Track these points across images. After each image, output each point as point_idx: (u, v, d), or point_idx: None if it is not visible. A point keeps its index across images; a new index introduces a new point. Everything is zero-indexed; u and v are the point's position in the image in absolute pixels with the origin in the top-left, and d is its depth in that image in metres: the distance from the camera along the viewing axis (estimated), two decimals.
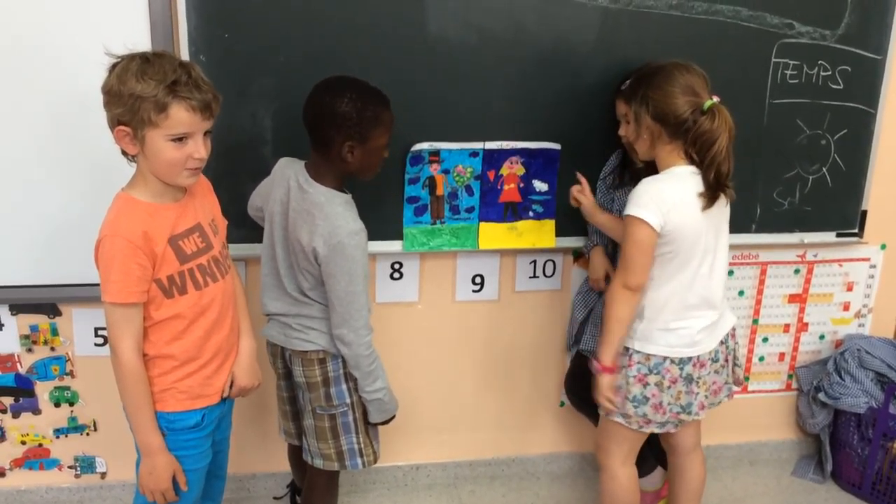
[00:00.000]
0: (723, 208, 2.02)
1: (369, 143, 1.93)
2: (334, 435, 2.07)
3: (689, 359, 2.03)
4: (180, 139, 1.66)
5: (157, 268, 1.69)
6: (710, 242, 2.00)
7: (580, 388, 2.57)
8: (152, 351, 1.73)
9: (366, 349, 1.97)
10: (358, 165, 1.96)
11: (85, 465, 2.56)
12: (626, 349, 2.05)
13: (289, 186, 2.00)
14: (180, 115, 1.64)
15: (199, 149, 1.69)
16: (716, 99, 1.92)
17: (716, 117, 1.90)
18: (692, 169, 1.96)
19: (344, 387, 2.04)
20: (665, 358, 2.01)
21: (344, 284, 1.91)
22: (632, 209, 1.93)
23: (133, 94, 1.61)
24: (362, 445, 2.09)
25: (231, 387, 1.89)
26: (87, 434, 2.53)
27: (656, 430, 2.11)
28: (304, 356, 2.04)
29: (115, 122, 1.66)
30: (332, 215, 1.91)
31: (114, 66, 1.65)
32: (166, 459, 1.74)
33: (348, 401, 2.05)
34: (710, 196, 1.95)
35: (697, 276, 2.01)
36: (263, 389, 2.12)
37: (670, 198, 1.93)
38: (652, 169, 2.05)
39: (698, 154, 1.93)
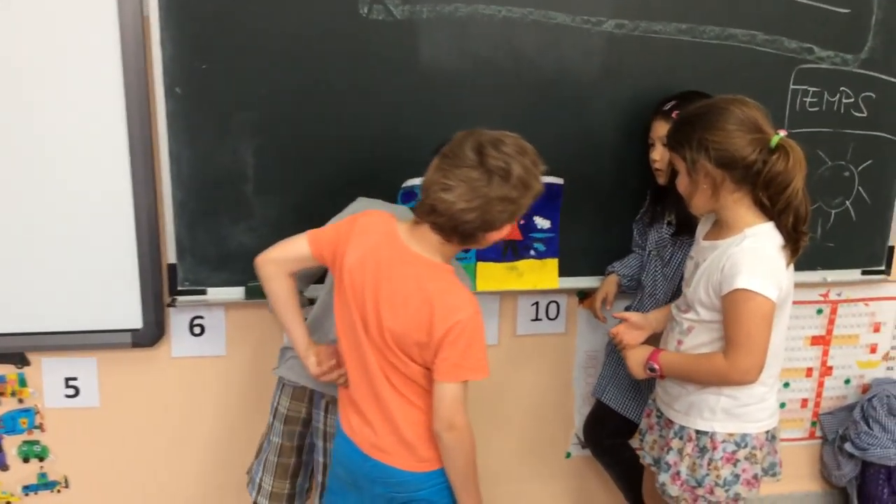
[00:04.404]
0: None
1: None
2: None
3: None
4: None
5: None
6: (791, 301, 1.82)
7: (601, 436, 2.45)
8: None
9: None
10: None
11: None
12: (700, 433, 1.83)
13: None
14: None
15: None
16: (782, 133, 1.70)
17: (789, 156, 1.67)
18: (772, 224, 1.74)
19: None
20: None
21: None
22: (747, 282, 1.67)
23: None
24: None
25: None
26: (59, 491, 2.37)
27: None
28: None
29: None
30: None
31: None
32: None
33: None
34: (792, 249, 1.73)
35: (782, 342, 1.82)
36: None
37: (780, 263, 1.72)
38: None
39: (771, 199, 1.70)
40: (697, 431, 1.82)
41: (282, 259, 1.73)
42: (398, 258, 1.61)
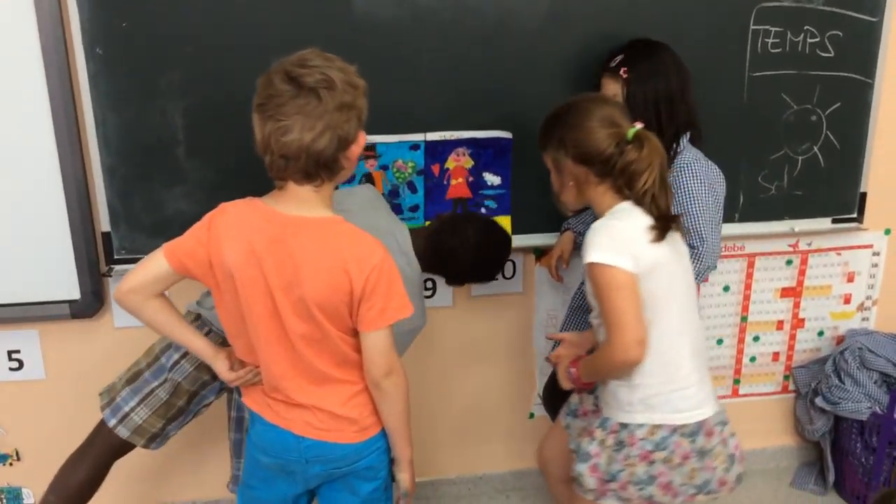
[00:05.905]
0: (678, 244, 1.74)
1: None
2: None
3: (699, 427, 1.72)
4: None
5: None
6: (682, 280, 1.73)
7: (559, 402, 2.31)
8: None
9: None
10: None
11: (11, 496, 2.39)
12: (622, 426, 1.73)
13: None
14: None
15: None
16: (639, 125, 1.68)
17: (643, 145, 1.65)
18: (632, 202, 1.69)
19: None
20: (673, 430, 1.70)
21: None
22: (592, 256, 1.63)
23: None
24: None
25: None
26: (11, 464, 2.36)
27: None
28: None
29: None
30: None
31: None
32: None
33: None
34: (660, 227, 1.67)
35: (683, 320, 1.72)
36: None
37: (631, 234, 1.65)
38: None
39: (628, 187, 1.67)
40: (620, 424, 1.73)
41: (139, 286, 1.55)
42: (287, 231, 1.50)
